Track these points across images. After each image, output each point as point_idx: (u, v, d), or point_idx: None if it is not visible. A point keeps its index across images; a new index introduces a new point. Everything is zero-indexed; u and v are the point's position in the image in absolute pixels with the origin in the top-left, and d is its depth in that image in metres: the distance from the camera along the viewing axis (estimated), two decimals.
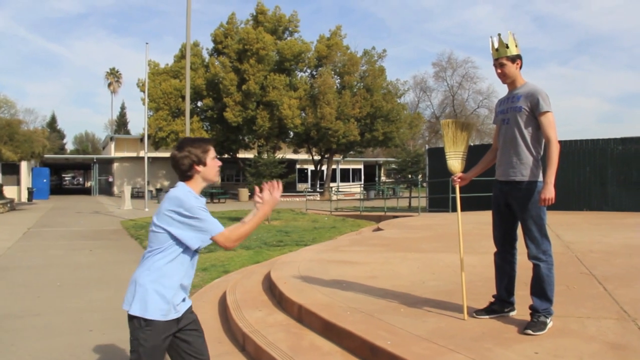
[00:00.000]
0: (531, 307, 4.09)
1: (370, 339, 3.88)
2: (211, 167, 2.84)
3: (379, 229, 13.14)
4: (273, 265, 7.49)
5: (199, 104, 43.16)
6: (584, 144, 16.51)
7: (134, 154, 50.62)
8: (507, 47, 4.12)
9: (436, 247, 8.90)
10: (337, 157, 49.10)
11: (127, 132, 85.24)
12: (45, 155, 38.06)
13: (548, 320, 4.01)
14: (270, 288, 6.32)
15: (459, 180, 4.61)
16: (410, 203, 29.21)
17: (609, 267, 6.57)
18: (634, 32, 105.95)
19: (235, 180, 53.17)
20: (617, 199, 15.88)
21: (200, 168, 2.79)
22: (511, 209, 4.22)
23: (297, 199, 39.85)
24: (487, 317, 4.34)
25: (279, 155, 23.25)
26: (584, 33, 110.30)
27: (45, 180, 41.50)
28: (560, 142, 4.14)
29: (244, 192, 40.60)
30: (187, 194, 2.71)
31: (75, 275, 9.13)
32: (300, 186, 50.54)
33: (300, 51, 41.93)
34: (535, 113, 4.04)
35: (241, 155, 45.21)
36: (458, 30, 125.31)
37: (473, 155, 4.85)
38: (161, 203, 2.74)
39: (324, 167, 47.89)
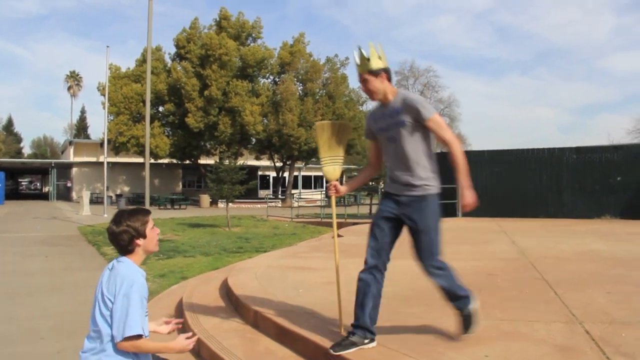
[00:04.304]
0: (457, 308, 3.90)
1: (324, 344, 3.91)
2: (151, 239, 2.77)
3: (339, 236, 13.19)
4: (230, 272, 7.47)
5: (161, 109, 42.74)
6: (541, 152, 16.88)
7: (93, 159, 49.80)
8: (369, 60, 3.75)
9: (393, 253, 8.93)
10: (299, 164, 49.13)
11: (87, 137, 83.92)
12: (1, 159, 37.21)
13: (470, 308, 3.84)
14: (227, 294, 6.30)
15: (335, 190, 4.18)
16: (371, 210, 29.41)
17: (560, 272, 6.73)
18: (590, 45, 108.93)
19: (196, 186, 52.81)
20: (572, 206, 16.27)
21: (140, 241, 2.71)
22: (399, 224, 3.88)
23: (259, 206, 39.73)
24: (347, 351, 3.75)
25: (240, 161, 23.21)
26: (543, 45, 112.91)
27: (0, 185, 40.53)
28: (517, 150, 4.09)
29: (205, 199, 40.27)
30: (138, 275, 2.65)
31: (28, 282, 8.93)
32: (262, 193, 50.40)
33: (263, 57, 41.95)
34: (421, 123, 3.71)
35: (203, 161, 44.88)
36: (421, 39, 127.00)
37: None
38: (111, 281, 2.61)
39: (286, 174, 47.86)
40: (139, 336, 2.54)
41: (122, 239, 2.68)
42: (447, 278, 3.81)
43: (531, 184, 16.80)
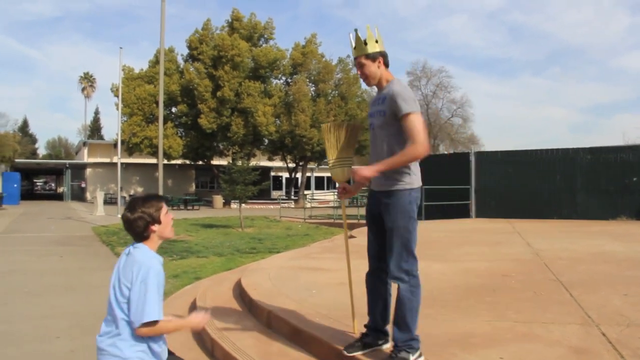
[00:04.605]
0: (392, 338, 3.64)
1: (337, 345, 3.91)
2: (166, 224, 2.76)
3: (351, 237, 13.14)
4: (244, 272, 7.48)
5: (174, 110, 42.95)
6: (555, 153, 16.75)
7: (107, 160, 50.05)
8: (366, 44, 3.59)
9: None
10: (311, 165, 49.12)
11: (101, 138, 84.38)
12: (16, 160, 37.48)
13: (410, 357, 3.50)
14: (241, 294, 6.31)
15: (343, 192, 4.00)
16: None
17: (575, 273, 6.68)
18: (603, 46, 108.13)
19: (209, 187, 52.88)
20: (586, 207, 16.13)
21: (155, 227, 2.71)
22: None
23: (272, 207, 39.73)
24: (361, 352, 3.73)
25: (253, 162, 23.30)
26: (556, 44, 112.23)
27: (15, 185, 40.79)
28: (530, 150, 3.94)
29: (218, 199, 40.40)
30: (154, 261, 2.65)
31: (43, 281, 9.00)
32: (275, 193, 50.41)
33: (276, 58, 42.01)
34: (398, 116, 3.51)
35: (215, 162, 44.99)
36: (433, 40, 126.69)
37: (442, 165, 4.68)
38: (127, 267, 2.62)
39: (299, 175, 47.87)
40: (157, 322, 2.55)
41: (137, 225, 2.68)
42: (410, 290, 3.57)
43: (545, 184, 16.68)
